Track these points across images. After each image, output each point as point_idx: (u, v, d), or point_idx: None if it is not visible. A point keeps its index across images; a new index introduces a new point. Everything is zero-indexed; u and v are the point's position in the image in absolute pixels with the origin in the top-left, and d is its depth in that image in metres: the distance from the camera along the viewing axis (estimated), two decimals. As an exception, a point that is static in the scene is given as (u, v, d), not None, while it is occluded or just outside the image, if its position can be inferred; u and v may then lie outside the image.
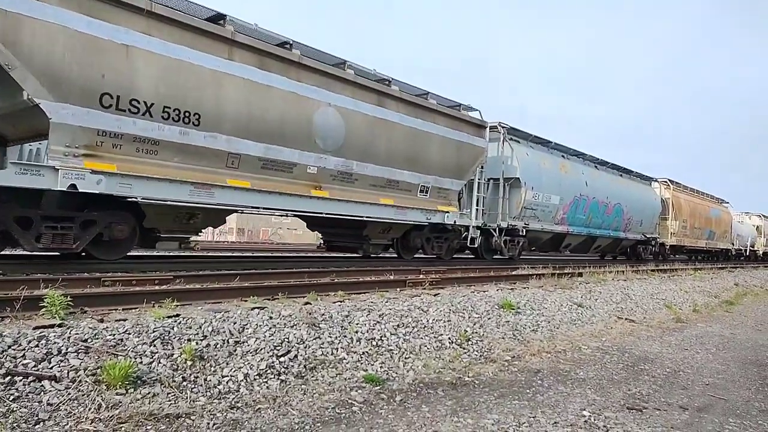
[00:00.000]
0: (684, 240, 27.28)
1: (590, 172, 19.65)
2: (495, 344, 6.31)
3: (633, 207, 22.06)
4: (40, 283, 5.68)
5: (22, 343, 3.72)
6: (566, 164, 18.15)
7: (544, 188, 16.49)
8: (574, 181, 18.12)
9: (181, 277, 7.25)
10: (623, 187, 21.90)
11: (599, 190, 19.57)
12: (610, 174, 21.62)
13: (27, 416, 3.15)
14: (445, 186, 13.23)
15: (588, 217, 18.98)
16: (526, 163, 15.86)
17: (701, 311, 11.75)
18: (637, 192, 23.09)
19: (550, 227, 17.22)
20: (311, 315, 5.42)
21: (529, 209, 15.98)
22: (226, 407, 3.75)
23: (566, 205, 17.61)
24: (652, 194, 24.96)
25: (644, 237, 23.59)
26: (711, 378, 6.01)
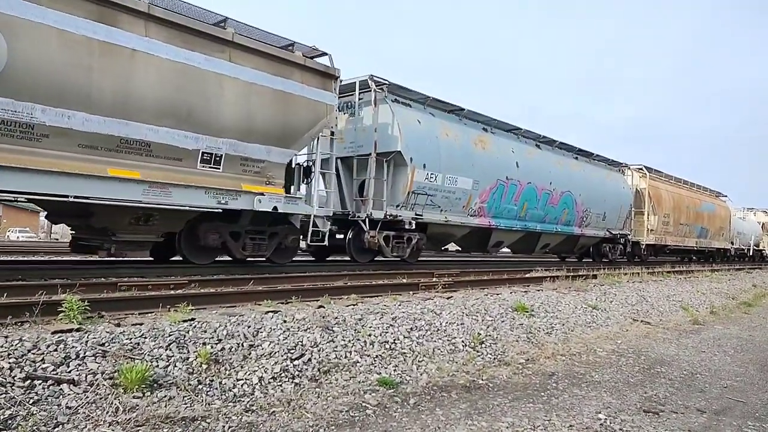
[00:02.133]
0: (666, 238, 23.48)
1: (525, 151, 15.65)
2: (509, 347, 6.28)
3: (591, 197, 18.14)
4: (58, 288, 5.77)
5: (41, 348, 3.78)
6: (486, 139, 14.20)
7: (445, 168, 12.47)
8: (497, 160, 14.17)
9: (196, 282, 7.32)
10: (577, 173, 17.82)
11: (538, 174, 15.70)
12: (558, 155, 17.37)
13: (46, 419, 3.20)
14: (255, 156, 8.96)
15: (521, 207, 15.16)
16: (415, 133, 11.91)
17: (718, 313, 11.59)
18: (598, 179, 18.97)
19: (460, 219, 13.29)
20: (325, 318, 5.44)
21: (421, 194, 12.01)
22: (242, 410, 3.78)
23: (484, 191, 13.69)
24: (621, 183, 20.78)
25: (610, 234, 19.66)
26: (729, 380, 5.93)
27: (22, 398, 3.29)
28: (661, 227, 22.87)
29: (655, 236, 22.48)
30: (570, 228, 17.72)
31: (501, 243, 15.73)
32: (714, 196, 30.62)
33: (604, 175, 19.69)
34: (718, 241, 29.71)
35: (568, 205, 17.19)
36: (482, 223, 14.00)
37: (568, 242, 18.57)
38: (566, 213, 17.20)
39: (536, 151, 16.33)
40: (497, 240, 15.30)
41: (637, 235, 21.71)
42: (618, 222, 20.23)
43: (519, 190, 14.94)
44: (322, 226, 10.21)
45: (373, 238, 11.26)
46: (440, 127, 12.81)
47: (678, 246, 25.02)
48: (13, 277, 6.79)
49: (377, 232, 11.33)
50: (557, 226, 17.04)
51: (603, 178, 19.50)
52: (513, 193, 14.77)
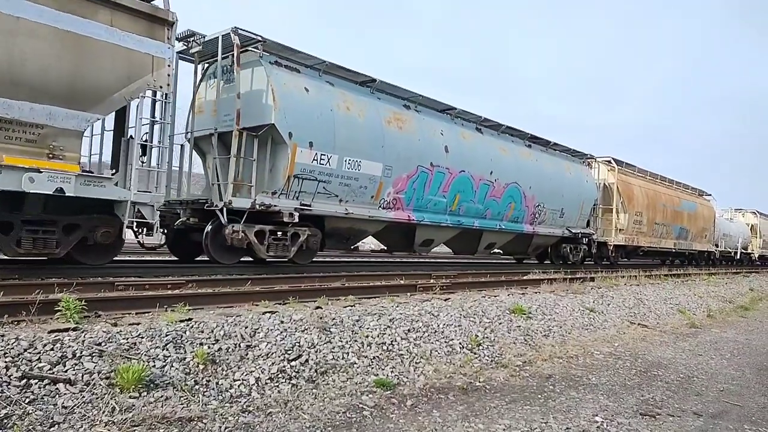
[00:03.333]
0: (639, 239, 21.21)
1: (458, 134, 13.20)
2: (506, 349, 6.29)
3: (546, 191, 15.87)
4: (54, 288, 5.75)
5: (37, 347, 3.77)
6: (405, 117, 11.80)
7: (342, 148, 10.23)
8: (419, 143, 11.84)
9: (193, 282, 7.30)
10: (527, 162, 15.48)
11: (476, 161, 13.39)
12: (504, 141, 14.95)
13: (42, 419, 3.19)
14: (25, 118, 6.57)
15: (452, 200, 12.85)
16: (298, 104, 9.64)
17: (715, 316, 11.62)
18: (555, 171, 16.59)
19: (368, 212, 10.97)
20: (322, 319, 5.43)
21: (309, 180, 9.76)
22: (238, 411, 3.77)
23: (400, 179, 11.45)
24: (584, 176, 18.18)
25: (570, 233, 17.22)
26: (726, 384, 5.94)
27: (18, 397, 3.28)
28: (632, 227, 20.59)
29: (626, 236, 20.19)
30: (519, 225, 15.27)
31: (430, 241, 13.23)
32: (696, 195, 28.37)
33: (563, 166, 17.13)
34: (700, 243, 27.50)
35: (515, 198, 14.78)
36: (399, 218, 11.63)
37: (519, 242, 16.15)
38: (513, 208, 14.77)
39: (475, 135, 13.91)
40: (425, 238, 12.89)
41: (604, 235, 19.49)
42: (580, 220, 17.78)
43: (449, 180, 12.58)
44: (150, 216, 7.78)
45: (236, 233, 8.84)
46: (338, 99, 10.43)
47: (653, 248, 22.64)
48: (9, 276, 6.77)
49: (243, 226, 8.98)
50: (501, 223, 14.58)
51: (562, 169, 16.96)
52: (440, 182, 12.41)
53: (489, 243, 15.03)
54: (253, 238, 9.14)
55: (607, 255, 19.91)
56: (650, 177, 23.55)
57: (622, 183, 20.16)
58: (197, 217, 9.64)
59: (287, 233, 9.69)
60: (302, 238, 9.90)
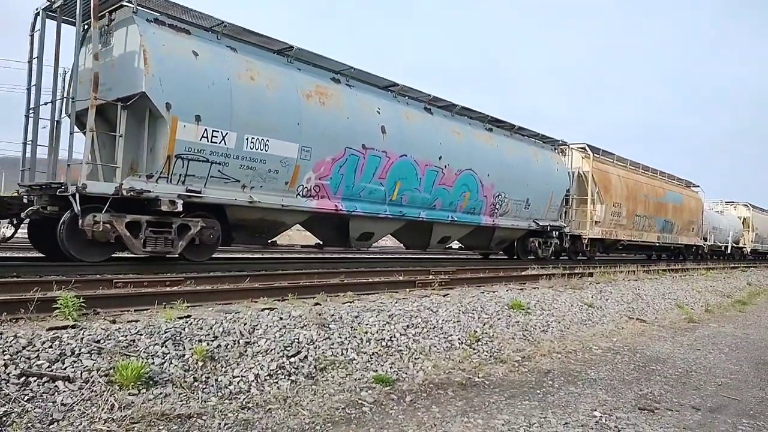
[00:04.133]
0: (618, 232, 19.78)
1: (400, 114, 11.58)
2: (505, 345, 6.30)
3: (507, 179, 14.42)
4: (53, 285, 5.74)
5: (36, 344, 3.77)
6: (330, 92, 10.18)
7: (243, 125, 8.65)
8: (347, 122, 10.29)
9: (192, 279, 7.30)
10: (485, 147, 13.85)
11: (421, 145, 11.83)
12: (459, 124, 13.31)
13: (41, 416, 3.19)
14: None
15: (392, 188, 11.34)
16: (181, 69, 8.07)
17: (713, 311, 11.65)
18: (519, 158, 15.10)
19: (282, 201, 9.43)
20: (321, 316, 5.44)
21: (197, 161, 8.21)
22: (237, 407, 3.77)
23: (324, 162, 9.94)
24: (553, 164, 16.66)
25: (538, 226, 15.92)
26: (724, 378, 5.96)
27: (16, 395, 3.28)
28: (610, 219, 19.12)
29: (603, 229, 18.78)
30: (476, 217, 13.83)
31: (369, 235, 11.67)
32: (683, 186, 26.93)
33: (529, 153, 15.67)
34: (687, 236, 26.04)
35: (470, 187, 13.32)
36: (324, 208, 10.19)
37: (479, 235, 14.83)
38: (467, 198, 13.31)
39: (422, 115, 12.30)
40: (362, 231, 11.42)
41: (579, 228, 18.03)
42: (549, 211, 16.38)
43: (386, 165, 11.08)
44: None
45: (97, 224, 7.33)
46: (240, 67, 8.82)
47: (634, 241, 21.28)
48: (7, 274, 6.76)
49: (107, 216, 7.43)
50: (454, 215, 13.12)
51: (528, 156, 15.52)
52: (376, 168, 10.91)
53: (443, 237, 13.59)
54: (124, 230, 7.61)
55: (580, 249, 18.40)
56: (631, 166, 22.15)
57: (597, 172, 18.73)
58: (58, 205, 7.81)
59: (172, 225, 8.11)
60: (193, 231, 8.32)
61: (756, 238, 35.95)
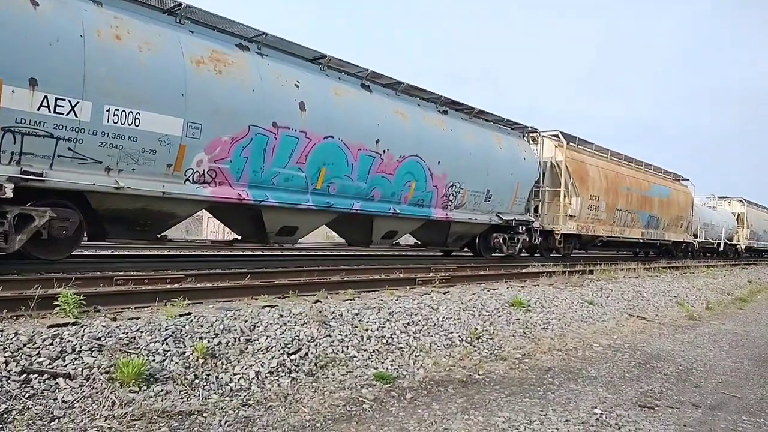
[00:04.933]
0: (596, 227, 18.15)
1: (326, 89, 9.91)
2: (505, 342, 6.30)
3: (463, 168, 12.76)
4: (53, 282, 5.74)
5: (36, 341, 3.77)
6: (232, 59, 8.47)
7: (102, 93, 7.06)
8: (253, 95, 8.60)
9: (192, 276, 7.29)
10: (435, 131, 12.17)
11: (351, 125, 10.13)
12: (404, 104, 11.55)
13: (42, 413, 3.19)
14: None
15: (316, 174, 9.66)
16: (13, 22, 6.41)
17: (714, 308, 11.65)
18: (478, 144, 13.38)
19: (164, 188, 7.79)
20: (321, 313, 5.44)
21: (34, 135, 6.60)
22: (238, 405, 3.77)
23: (219, 142, 8.22)
24: (519, 152, 15.01)
25: (501, 220, 14.27)
26: (724, 376, 5.96)
27: (17, 392, 3.28)
28: (587, 213, 17.55)
29: (578, 224, 17.13)
30: (424, 210, 12.15)
31: (292, 229, 9.97)
32: (671, 179, 25.23)
33: (491, 139, 13.98)
34: (675, 232, 24.45)
35: (416, 176, 11.63)
36: (224, 196, 8.45)
37: (432, 230, 13.31)
38: (413, 188, 11.63)
39: (357, 93, 10.61)
40: (282, 224, 9.72)
41: (551, 223, 16.45)
42: (515, 204, 14.77)
43: (306, 148, 9.38)
44: None
45: None
46: (102, 23, 7.18)
47: (615, 238, 19.68)
48: (8, 271, 6.76)
49: None
50: (398, 207, 11.39)
51: (489, 143, 13.81)
52: (292, 150, 9.21)
53: (387, 231, 11.88)
54: None
55: (552, 246, 16.84)
56: (612, 157, 20.53)
57: (572, 162, 17.09)
58: None
59: (6, 215, 6.47)
60: (37, 224, 6.70)
61: (751, 235, 34.37)
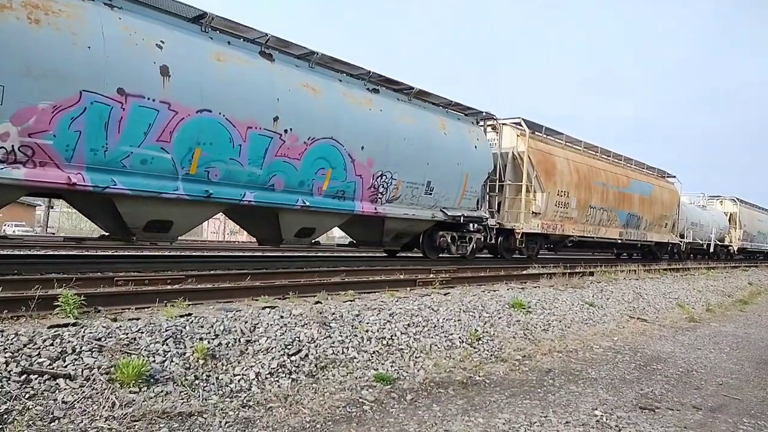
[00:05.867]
0: (565, 226, 16.54)
1: (204, 53, 8.21)
2: (506, 343, 6.29)
3: (396, 155, 11.12)
4: (54, 283, 5.75)
5: (37, 342, 3.77)
6: (56, 6, 6.81)
7: None
8: (89, 53, 6.97)
9: (193, 277, 7.30)
10: (361, 112, 10.53)
11: (240, 98, 8.43)
12: (318, 77, 9.93)
13: (42, 414, 3.19)
14: None
15: (188, 156, 7.96)
16: None
17: (714, 310, 11.64)
18: (417, 129, 11.70)
19: None
20: (322, 314, 5.43)
21: None
22: (238, 406, 3.77)
23: (37, 111, 6.61)
24: (471, 140, 13.35)
25: (446, 216, 12.71)
26: (725, 378, 5.96)
27: (17, 393, 3.28)
28: (554, 210, 16.03)
29: (543, 222, 15.61)
30: (346, 203, 10.45)
31: (165, 224, 8.20)
32: (655, 176, 23.53)
33: (433, 123, 12.28)
34: (658, 233, 22.78)
35: (333, 163, 9.97)
36: (45, 180, 6.84)
37: (362, 227, 11.82)
38: (329, 176, 9.96)
39: (250, 60, 8.81)
40: (149, 219, 7.98)
41: (511, 221, 14.92)
42: (464, 199, 13.12)
43: (171, 123, 7.65)
44: None
45: None
46: None
47: (588, 237, 18.05)
48: (9, 272, 6.77)
49: None
50: (309, 199, 9.72)
51: (430, 128, 12.12)
52: (150, 125, 7.53)
53: (300, 228, 10.11)
54: None
55: (514, 246, 15.29)
56: (587, 150, 18.74)
57: (536, 153, 15.47)
58: None
59: None
60: None
61: (744, 236, 32.55)
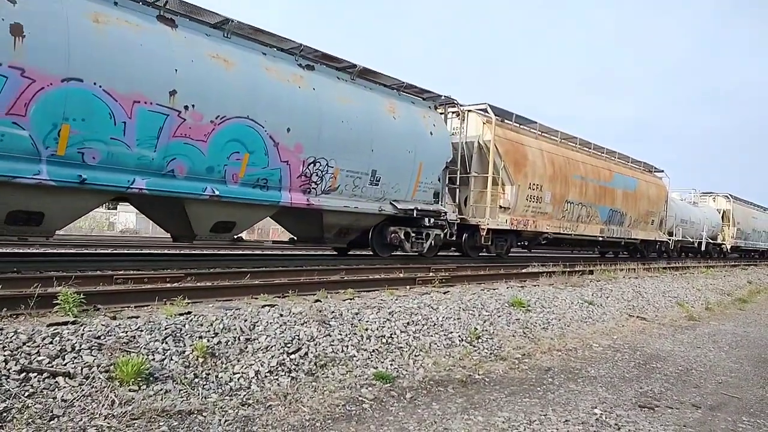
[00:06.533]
0: (539, 222, 15.40)
1: (73, 10, 6.77)
2: (505, 342, 6.29)
3: (331, 139, 9.81)
4: (53, 281, 5.74)
5: (36, 340, 3.77)
6: None
7: None
8: None
9: (193, 275, 7.29)
10: (289, 89, 9.24)
11: (124, 67, 7.13)
12: (236, 48, 8.65)
13: (42, 412, 3.19)
14: None
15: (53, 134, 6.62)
16: None
17: (714, 309, 11.65)
18: (359, 111, 10.39)
19: None
20: (321, 312, 5.43)
21: None
22: (238, 404, 3.77)
23: None
24: (426, 125, 11.86)
25: (396, 210, 11.27)
26: (724, 376, 5.96)
27: (17, 391, 3.28)
28: (525, 204, 14.84)
29: (513, 218, 14.44)
30: (270, 194, 9.07)
31: (35, 216, 6.92)
32: (641, 170, 22.24)
33: (380, 105, 10.92)
34: (644, 230, 21.54)
35: (250, 146, 8.58)
36: None
37: (300, 221, 10.62)
38: (245, 162, 8.57)
39: (142, 24, 7.48)
40: (9, 210, 6.69)
41: (476, 216, 13.76)
42: (417, 190, 11.76)
43: (27, 93, 6.37)
44: None
45: None
46: None
47: (565, 235, 16.78)
48: (8, 270, 6.76)
49: None
50: (219, 187, 8.32)
51: (375, 110, 10.75)
52: None
53: (216, 222, 8.75)
54: None
55: (478, 243, 13.92)
56: (564, 141, 17.36)
57: (505, 142, 14.22)
58: None
59: None
60: None
61: (738, 234, 31.27)
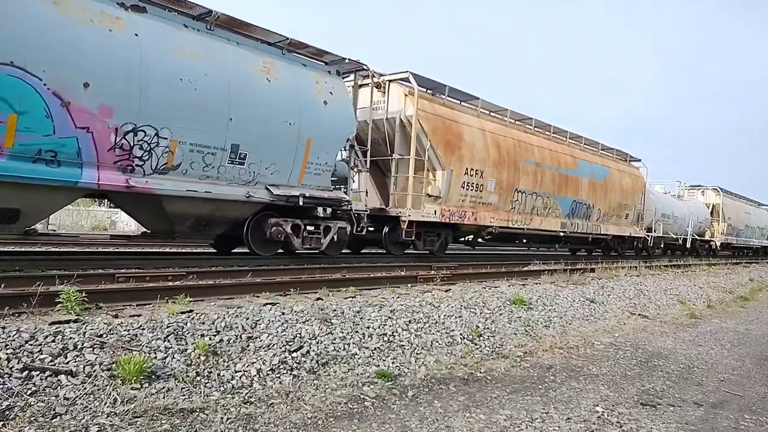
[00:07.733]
0: (480, 214, 13.24)
1: None
2: (507, 340, 6.29)
3: (163, 102, 7.39)
4: (55, 280, 5.75)
5: (38, 338, 3.77)
6: None
7: None
8: None
9: (194, 273, 7.30)
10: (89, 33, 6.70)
11: None
12: None
13: (44, 410, 3.19)
14: None
15: None
16: None
17: (715, 307, 11.64)
18: (213, 65, 8.05)
19: None
20: (323, 311, 5.44)
21: None
22: (240, 402, 3.78)
23: None
24: (321, 93, 9.67)
25: (274, 197, 9.03)
26: (726, 374, 5.95)
27: (19, 389, 3.28)
28: (461, 193, 12.68)
29: (445, 208, 12.27)
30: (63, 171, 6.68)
31: None
32: (614, 158, 19.91)
33: (247, 63, 8.64)
34: (617, 225, 19.35)
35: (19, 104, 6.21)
36: None
37: (136, 209, 8.41)
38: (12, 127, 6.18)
39: None
40: None
41: (398, 206, 11.81)
42: (307, 174, 9.58)
43: None
44: None
45: None
46: None
47: (515, 229, 14.66)
48: (10, 268, 6.77)
49: None
50: None
51: (242, 68, 8.50)
52: None
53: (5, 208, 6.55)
54: None
55: (398, 239, 11.86)
56: (515, 122, 15.27)
57: (432, 119, 11.95)
58: None
59: None
60: None
61: (728, 230, 28.97)
